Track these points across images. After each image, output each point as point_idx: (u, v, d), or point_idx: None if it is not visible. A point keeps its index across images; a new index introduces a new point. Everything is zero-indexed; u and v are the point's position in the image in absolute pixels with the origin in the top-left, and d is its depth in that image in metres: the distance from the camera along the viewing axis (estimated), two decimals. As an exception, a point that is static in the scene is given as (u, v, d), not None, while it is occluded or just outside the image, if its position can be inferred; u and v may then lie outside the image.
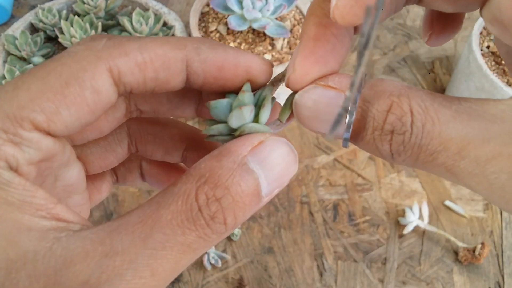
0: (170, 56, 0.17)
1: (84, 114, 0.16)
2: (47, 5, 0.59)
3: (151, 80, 0.17)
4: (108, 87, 0.16)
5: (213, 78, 0.18)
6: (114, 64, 0.16)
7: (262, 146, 0.17)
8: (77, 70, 0.15)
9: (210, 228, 0.15)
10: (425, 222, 0.56)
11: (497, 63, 0.58)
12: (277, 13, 0.55)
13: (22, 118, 0.14)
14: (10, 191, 0.14)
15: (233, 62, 0.18)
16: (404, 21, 0.78)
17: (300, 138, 0.64)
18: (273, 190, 0.17)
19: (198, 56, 0.17)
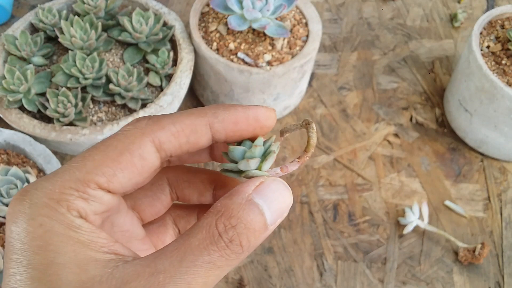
0: (196, 123, 0.22)
1: (135, 175, 0.21)
2: (47, 5, 0.59)
3: (185, 143, 0.22)
4: (151, 154, 0.22)
5: (232, 132, 0.23)
6: (155, 136, 0.21)
7: (263, 185, 0.21)
8: (128, 143, 0.21)
9: (230, 249, 0.20)
10: (425, 222, 0.56)
11: (497, 63, 0.58)
12: (277, 13, 0.55)
13: (89, 180, 0.20)
14: (81, 233, 0.19)
15: (244, 116, 0.23)
16: (404, 21, 0.78)
17: (300, 138, 0.64)
18: (276, 219, 0.21)
19: (217, 119, 0.23)
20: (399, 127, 0.66)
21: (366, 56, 0.74)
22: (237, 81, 0.57)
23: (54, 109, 0.51)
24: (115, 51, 0.58)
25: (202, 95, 0.64)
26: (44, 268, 0.18)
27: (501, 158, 0.63)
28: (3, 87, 0.51)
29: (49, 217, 0.19)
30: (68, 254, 0.19)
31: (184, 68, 0.57)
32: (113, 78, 0.53)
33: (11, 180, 0.46)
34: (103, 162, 0.20)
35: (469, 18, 0.79)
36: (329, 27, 0.76)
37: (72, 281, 0.18)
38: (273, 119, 0.24)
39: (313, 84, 0.70)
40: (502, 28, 0.61)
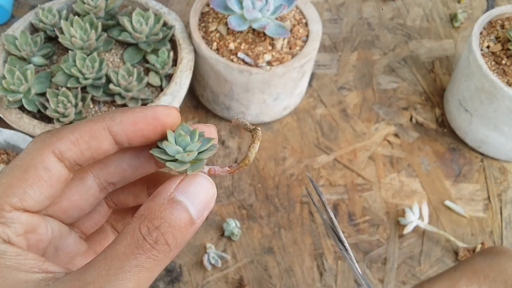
0: (94, 129, 0.23)
1: (45, 188, 0.22)
2: (47, 5, 0.59)
3: (86, 150, 0.23)
4: (55, 165, 0.22)
5: (132, 133, 0.23)
6: (54, 147, 0.22)
7: (184, 182, 0.22)
8: (30, 159, 0.22)
9: (156, 249, 0.20)
10: (425, 222, 0.56)
11: (497, 63, 0.58)
12: (277, 13, 0.55)
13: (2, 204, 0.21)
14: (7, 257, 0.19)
15: (142, 116, 0.23)
16: (404, 21, 0.78)
17: (300, 138, 0.64)
18: (202, 212, 0.22)
19: (114, 121, 0.23)
20: (399, 127, 0.66)
21: (366, 56, 0.74)
22: (237, 81, 0.57)
23: (54, 109, 0.51)
24: (115, 51, 0.58)
25: (202, 95, 0.64)
26: None
27: (501, 158, 0.63)
28: (3, 87, 0.51)
29: None
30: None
31: (184, 68, 0.57)
32: (113, 78, 0.53)
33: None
34: (11, 183, 0.21)
35: (469, 18, 0.79)
36: (329, 27, 0.76)
37: None
38: (174, 116, 0.24)
39: (313, 84, 0.70)
40: (502, 28, 0.61)
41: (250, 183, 0.60)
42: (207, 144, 0.24)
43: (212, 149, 0.24)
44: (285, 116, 0.66)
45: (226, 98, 0.60)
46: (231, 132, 0.64)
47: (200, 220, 0.22)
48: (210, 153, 0.24)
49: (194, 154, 0.23)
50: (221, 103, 0.62)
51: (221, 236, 0.56)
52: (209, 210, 0.23)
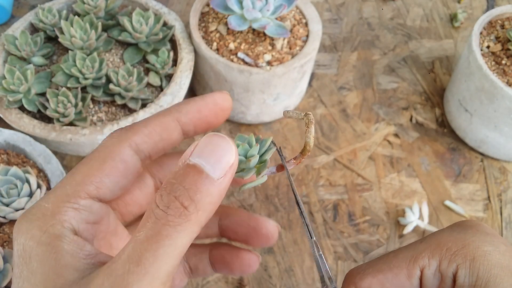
0: (164, 121, 0.25)
1: (120, 178, 0.23)
2: (47, 5, 0.59)
3: (159, 141, 0.25)
4: (131, 157, 0.24)
5: (199, 120, 0.25)
6: (131, 141, 0.24)
7: (197, 146, 0.21)
8: (108, 152, 0.23)
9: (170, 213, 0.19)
10: (425, 222, 0.56)
11: (497, 63, 0.58)
12: (277, 13, 0.55)
13: (79, 191, 0.22)
14: (66, 241, 0.21)
15: (204, 103, 0.26)
16: (404, 21, 0.78)
17: (300, 138, 0.64)
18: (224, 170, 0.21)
19: (181, 112, 0.25)
20: (399, 127, 0.66)
21: (366, 56, 0.74)
22: (237, 81, 0.57)
23: (54, 109, 0.51)
24: (115, 51, 0.58)
25: (202, 95, 0.64)
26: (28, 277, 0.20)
27: (501, 158, 0.63)
28: (3, 87, 0.51)
29: (40, 229, 0.21)
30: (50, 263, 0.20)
31: (184, 68, 0.57)
32: (113, 78, 0.53)
33: (11, 180, 0.46)
34: (90, 172, 0.22)
35: (469, 18, 0.79)
36: (329, 27, 0.76)
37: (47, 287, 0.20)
38: (229, 100, 0.26)
39: (313, 84, 0.70)
40: (502, 28, 0.61)
41: (250, 183, 0.60)
42: (266, 144, 0.24)
43: (272, 147, 0.25)
44: (285, 116, 0.66)
45: (226, 98, 0.60)
46: (231, 132, 0.64)
47: (223, 179, 0.21)
48: (271, 152, 0.24)
49: (256, 158, 0.23)
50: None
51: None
52: (233, 168, 0.21)
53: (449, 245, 0.22)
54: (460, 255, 0.21)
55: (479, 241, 0.22)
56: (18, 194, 0.46)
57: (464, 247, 0.22)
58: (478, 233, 0.22)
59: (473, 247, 0.21)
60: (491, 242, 0.22)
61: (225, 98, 0.26)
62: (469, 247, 0.21)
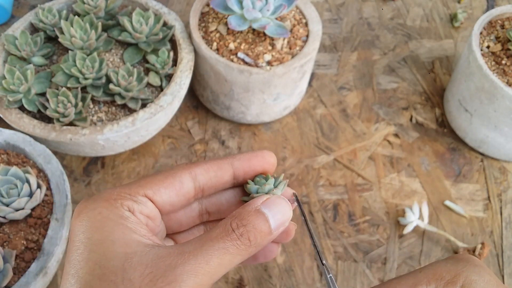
0: (221, 162, 0.30)
1: (173, 195, 0.28)
2: (47, 5, 0.59)
3: (213, 177, 0.30)
4: (188, 182, 0.29)
5: (248, 167, 0.31)
6: (192, 170, 0.29)
7: (269, 200, 0.28)
8: (172, 172, 0.29)
9: (240, 240, 0.26)
10: (425, 222, 0.56)
11: (497, 63, 0.58)
12: (277, 13, 0.55)
13: (140, 190, 0.27)
14: (129, 221, 0.26)
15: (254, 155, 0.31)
16: (404, 21, 0.78)
17: (300, 138, 0.64)
18: (279, 227, 0.28)
19: (235, 158, 0.31)
20: (399, 127, 0.66)
21: (366, 56, 0.74)
22: (237, 81, 0.57)
23: (54, 109, 0.51)
24: (115, 51, 0.58)
25: (202, 95, 0.64)
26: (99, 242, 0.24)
27: (501, 158, 0.63)
28: (3, 87, 0.51)
29: (106, 208, 0.26)
30: (118, 234, 0.25)
31: (184, 68, 0.57)
32: (113, 78, 0.53)
33: (11, 180, 0.46)
34: (152, 181, 0.28)
35: (469, 18, 0.79)
36: (329, 27, 0.76)
37: (119, 252, 0.24)
38: (274, 157, 0.32)
39: (313, 84, 0.70)
40: (502, 28, 0.61)
41: (250, 183, 0.60)
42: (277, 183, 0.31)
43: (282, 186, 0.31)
44: (285, 116, 0.66)
45: (226, 98, 0.60)
46: (231, 132, 0.64)
47: (276, 233, 0.27)
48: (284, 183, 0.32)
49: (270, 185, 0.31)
50: (221, 103, 0.62)
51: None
52: (284, 227, 0.28)
53: (443, 274, 0.26)
54: (452, 283, 0.26)
55: (468, 271, 0.26)
56: (18, 194, 0.46)
57: (456, 276, 0.26)
58: (468, 265, 0.27)
59: (463, 276, 0.26)
60: (478, 272, 0.26)
61: (271, 155, 0.32)
62: (460, 276, 0.26)
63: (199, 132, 0.64)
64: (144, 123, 0.52)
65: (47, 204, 0.48)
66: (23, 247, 0.45)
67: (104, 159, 0.61)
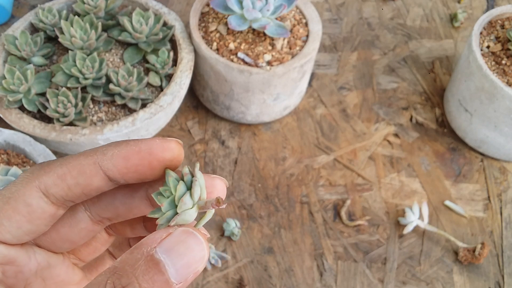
0: (83, 163, 0.21)
1: (23, 223, 0.21)
2: (47, 5, 0.59)
3: (74, 186, 0.21)
4: (38, 200, 0.21)
5: (125, 168, 0.21)
6: (40, 181, 0.21)
7: (169, 237, 0.19)
8: (14, 191, 0.21)
9: None
10: (425, 222, 0.56)
11: (497, 63, 0.58)
12: (277, 13, 0.55)
13: None
14: None
15: (135, 150, 0.21)
16: (404, 21, 0.78)
17: (300, 138, 0.64)
18: (186, 277, 0.19)
19: (105, 155, 0.21)
20: (399, 127, 0.66)
21: (366, 56, 0.74)
22: (237, 81, 0.57)
23: (54, 109, 0.51)
24: (115, 51, 0.58)
25: (202, 95, 0.64)
26: None
27: (501, 158, 0.63)
28: (3, 87, 0.51)
29: None
30: None
31: (184, 68, 0.57)
32: (113, 78, 0.53)
33: (11, 180, 0.46)
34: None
35: (469, 18, 0.79)
36: (329, 27, 0.76)
37: None
38: (172, 150, 0.21)
39: (313, 84, 0.70)
40: (502, 28, 0.61)
41: (250, 183, 0.60)
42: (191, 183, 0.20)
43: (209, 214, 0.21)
44: (285, 116, 0.66)
45: (226, 98, 0.60)
46: (231, 132, 0.64)
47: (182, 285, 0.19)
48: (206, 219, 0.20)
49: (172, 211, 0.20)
50: (221, 103, 0.62)
51: (221, 236, 0.56)
52: (196, 275, 0.19)
53: None
54: None
55: None
56: (18, 194, 0.46)
57: None
58: None
59: None
60: None
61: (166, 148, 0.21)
62: None
63: (199, 132, 0.64)
64: (144, 123, 0.52)
65: (47, 204, 0.48)
66: (23, 247, 0.45)
67: (104, 159, 0.61)
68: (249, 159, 0.62)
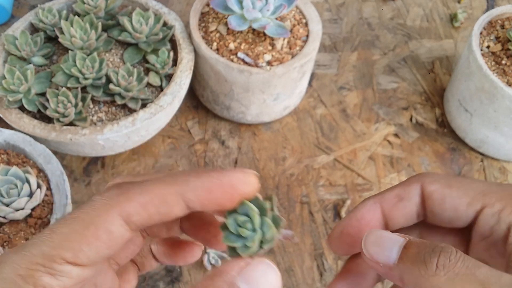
0: (165, 193, 0.21)
1: (102, 249, 0.21)
2: (47, 5, 0.59)
3: (155, 214, 0.21)
4: (119, 228, 0.21)
5: (207, 200, 0.21)
6: (122, 209, 0.21)
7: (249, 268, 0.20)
8: (94, 216, 0.21)
9: None
10: (425, 222, 0.56)
11: (497, 63, 0.58)
12: (277, 13, 0.55)
13: (55, 255, 0.20)
14: None
15: (218, 183, 0.21)
16: (404, 21, 0.78)
17: (300, 138, 0.64)
18: None
19: (188, 186, 0.21)
20: (399, 127, 0.66)
21: (366, 56, 0.74)
22: (237, 81, 0.57)
23: (54, 109, 0.51)
24: (115, 51, 0.58)
25: (202, 95, 0.64)
26: None
27: (501, 158, 0.63)
28: (3, 87, 0.51)
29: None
30: None
31: (184, 68, 0.57)
32: (113, 78, 0.53)
33: (11, 180, 0.46)
34: (69, 236, 0.20)
35: (469, 18, 0.79)
36: (329, 27, 0.76)
37: None
38: (252, 184, 0.22)
39: (313, 84, 0.70)
40: (502, 28, 0.61)
41: (250, 183, 0.60)
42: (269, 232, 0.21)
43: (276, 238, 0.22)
44: (285, 116, 0.66)
45: (226, 98, 0.60)
46: (231, 132, 0.64)
47: None
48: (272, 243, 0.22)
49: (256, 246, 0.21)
50: (221, 103, 0.62)
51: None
52: None
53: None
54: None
55: None
56: (18, 194, 0.46)
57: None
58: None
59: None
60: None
61: (246, 182, 0.22)
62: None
63: (199, 132, 0.64)
64: (144, 123, 0.52)
65: (47, 204, 0.48)
66: (23, 247, 0.45)
67: (104, 159, 0.61)
68: (249, 159, 0.62)
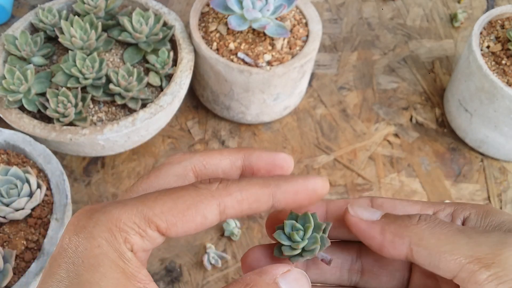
0: (260, 193, 0.24)
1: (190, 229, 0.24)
2: (47, 5, 0.59)
3: (246, 209, 0.24)
4: (213, 216, 0.24)
5: (293, 201, 0.25)
6: (222, 201, 0.24)
7: (289, 273, 0.24)
8: (197, 201, 0.23)
9: None
10: (425, 222, 0.56)
11: (497, 63, 0.58)
12: (277, 13, 0.55)
13: (152, 222, 0.22)
14: (128, 265, 0.22)
15: (304, 187, 0.25)
16: (404, 21, 0.78)
17: (300, 138, 0.64)
18: None
19: (280, 189, 0.25)
20: (399, 127, 0.66)
21: (366, 56, 0.74)
22: (237, 81, 0.57)
23: (54, 109, 0.51)
24: (115, 51, 0.58)
25: (202, 95, 0.64)
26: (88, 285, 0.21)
27: (501, 158, 0.63)
28: (3, 87, 0.51)
29: (107, 241, 0.22)
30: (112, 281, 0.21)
31: (184, 68, 0.57)
32: (113, 78, 0.53)
33: (11, 180, 0.46)
34: (170, 210, 0.23)
35: (469, 18, 0.79)
36: (329, 27, 0.76)
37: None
38: (327, 187, 0.26)
39: (313, 84, 0.70)
40: (502, 28, 0.61)
41: (250, 183, 0.60)
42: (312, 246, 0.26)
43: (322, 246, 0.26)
44: (285, 116, 0.66)
45: (226, 98, 0.60)
46: (231, 132, 0.64)
47: None
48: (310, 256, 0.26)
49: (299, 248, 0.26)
50: (221, 103, 0.62)
51: (221, 236, 0.56)
52: None
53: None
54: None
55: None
56: (18, 194, 0.46)
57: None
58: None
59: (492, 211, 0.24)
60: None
61: (324, 186, 0.26)
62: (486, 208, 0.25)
63: (199, 132, 0.64)
64: (144, 123, 0.52)
65: (47, 204, 0.48)
66: (23, 247, 0.45)
67: (104, 159, 0.61)
68: (249, 159, 0.62)
